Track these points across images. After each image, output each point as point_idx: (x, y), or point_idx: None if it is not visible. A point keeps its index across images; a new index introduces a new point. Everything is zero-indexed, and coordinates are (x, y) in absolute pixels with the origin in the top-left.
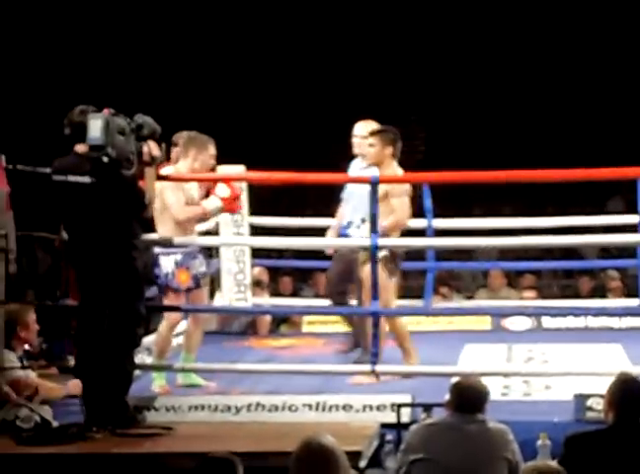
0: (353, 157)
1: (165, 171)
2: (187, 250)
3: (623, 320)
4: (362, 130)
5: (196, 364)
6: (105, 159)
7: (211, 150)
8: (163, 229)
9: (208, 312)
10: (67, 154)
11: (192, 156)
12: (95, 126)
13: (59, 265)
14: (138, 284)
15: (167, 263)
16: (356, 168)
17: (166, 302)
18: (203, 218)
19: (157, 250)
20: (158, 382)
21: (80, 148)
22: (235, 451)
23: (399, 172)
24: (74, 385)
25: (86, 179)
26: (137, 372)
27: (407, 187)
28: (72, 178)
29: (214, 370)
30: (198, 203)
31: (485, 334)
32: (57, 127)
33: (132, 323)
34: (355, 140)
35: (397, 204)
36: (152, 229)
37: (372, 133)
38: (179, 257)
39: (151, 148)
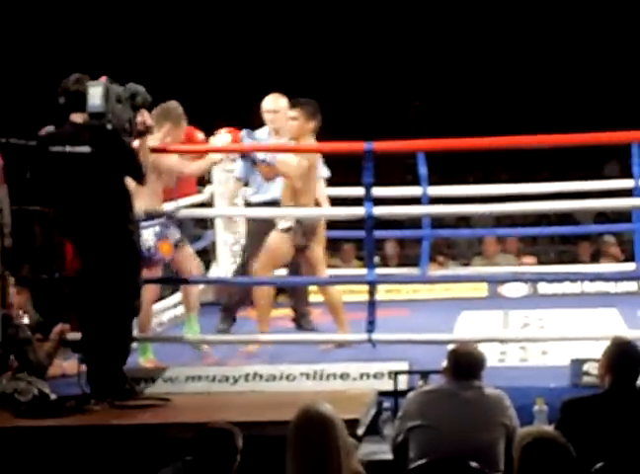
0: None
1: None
2: (161, 221)
3: (619, 285)
4: (273, 105)
5: (196, 335)
6: (109, 126)
7: (184, 125)
8: (140, 202)
9: (205, 283)
10: (62, 124)
11: (165, 130)
12: (95, 94)
13: (55, 239)
14: (136, 257)
15: (147, 236)
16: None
17: (147, 275)
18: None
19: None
20: (145, 356)
21: (77, 117)
22: (233, 421)
23: None
24: (70, 366)
25: (85, 148)
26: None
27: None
28: (70, 148)
29: (211, 342)
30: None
31: (481, 301)
32: (47, 99)
33: (130, 295)
34: (267, 116)
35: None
36: None
37: (294, 106)
38: (157, 229)
39: (145, 117)
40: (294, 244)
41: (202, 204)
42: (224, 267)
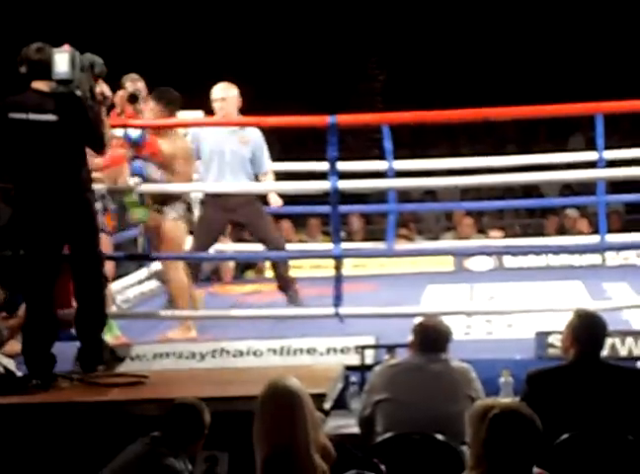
0: None
1: None
2: (99, 193)
3: (584, 257)
4: (222, 93)
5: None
6: (78, 92)
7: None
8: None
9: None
10: (21, 92)
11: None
12: (62, 61)
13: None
14: (96, 228)
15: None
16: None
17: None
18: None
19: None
20: (111, 333)
21: (40, 85)
22: (201, 397)
23: None
24: None
25: (51, 116)
26: None
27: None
28: (34, 116)
29: (178, 318)
30: None
31: (447, 275)
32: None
33: (97, 266)
34: (215, 104)
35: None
36: None
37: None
38: (99, 204)
39: (103, 88)
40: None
41: None
42: (190, 243)
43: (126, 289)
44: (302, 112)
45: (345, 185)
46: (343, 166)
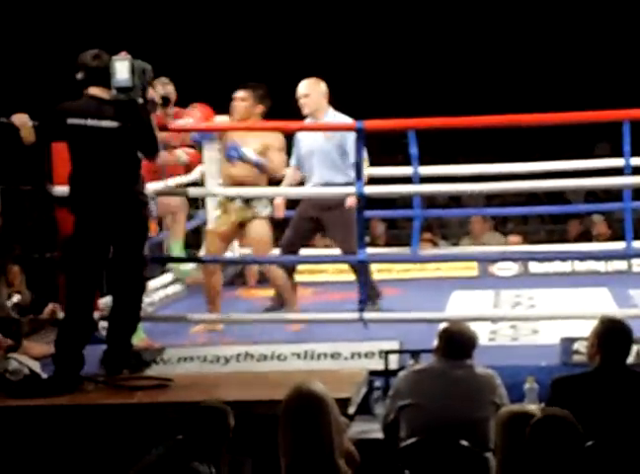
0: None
1: None
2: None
3: (609, 264)
4: (301, 89)
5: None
6: (140, 100)
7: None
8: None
9: (196, 263)
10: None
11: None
12: (122, 69)
13: (47, 217)
14: (145, 232)
15: None
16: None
17: None
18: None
19: None
20: (137, 336)
21: (98, 91)
22: (226, 400)
23: None
24: None
25: (111, 123)
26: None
27: (283, 143)
28: (92, 122)
29: (203, 321)
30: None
31: (472, 280)
32: (36, 77)
33: (139, 270)
34: (300, 101)
35: (275, 158)
36: None
37: (244, 88)
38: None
39: (153, 94)
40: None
41: (194, 184)
42: None
43: (152, 292)
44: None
45: (370, 190)
46: (369, 171)
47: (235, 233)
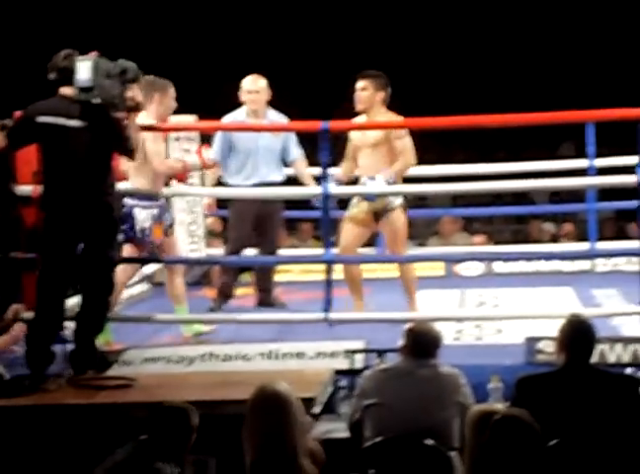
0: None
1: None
2: (160, 203)
3: (574, 264)
4: (253, 85)
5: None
6: (94, 101)
7: (172, 92)
8: (141, 181)
9: (161, 263)
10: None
11: (157, 101)
12: (83, 68)
13: (11, 217)
14: (115, 232)
15: (144, 216)
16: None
17: (131, 254)
18: (178, 175)
19: (130, 202)
20: (103, 338)
21: (67, 91)
22: (190, 400)
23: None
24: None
25: (76, 122)
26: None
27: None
28: (61, 120)
29: (168, 321)
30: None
31: (438, 280)
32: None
33: (108, 270)
34: (247, 96)
35: (402, 146)
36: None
37: (363, 77)
38: (155, 211)
39: (135, 93)
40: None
41: None
42: (181, 246)
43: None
44: (295, 117)
45: (336, 190)
46: (335, 171)
47: (370, 223)
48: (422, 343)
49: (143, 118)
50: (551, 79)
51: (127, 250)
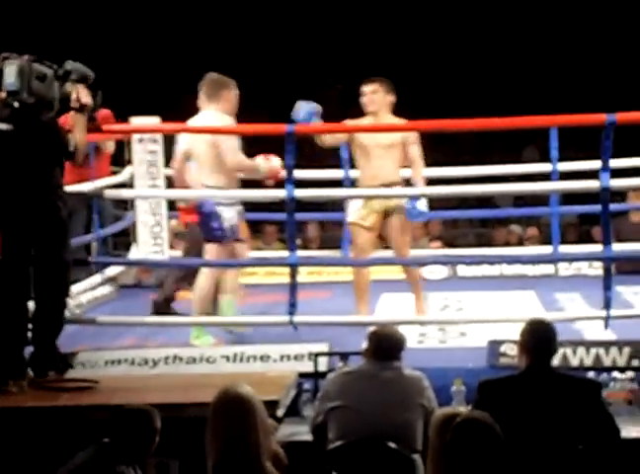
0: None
1: (199, 118)
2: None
3: (537, 267)
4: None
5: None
6: (15, 104)
7: (236, 89)
8: (221, 179)
9: (125, 265)
10: None
11: (224, 98)
12: (10, 72)
13: None
14: (64, 233)
15: (231, 214)
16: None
17: (218, 255)
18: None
19: (211, 201)
20: (204, 339)
21: (2, 94)
22: (153, 403)
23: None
24: None
25: (4, 126)
26: None
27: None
28: None
29: (131, 323)
30: None
31: (402, 283)
32: None
33: (60, 272)
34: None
35: (417, 152)
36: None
37: (371, 81)
38: (239, 207)
39: (80, 95)
40: None
41: (122, 185)
42: (144, 249)
43: (79, 295)
44: (261, 120)
45: (301, 193)
46: (300, 174)
47: (379, 224)
48: (385, 346)
49: (212, 115)
50: (517, 83)
51: (215, 250)
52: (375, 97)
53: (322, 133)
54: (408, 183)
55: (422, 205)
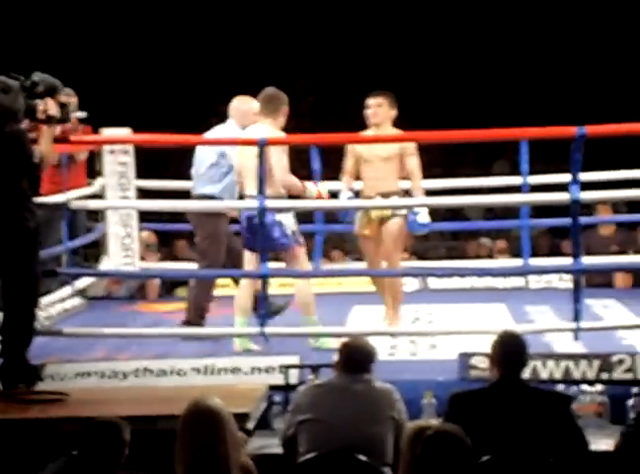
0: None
1: (252, 130)
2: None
3: (508, 280)
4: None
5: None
6: None
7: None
8: (269, 191)
9: (95, 277)
10: None
11: (283, 113)
12: None
13: None
14: (32, 245)
15: (289, 221)
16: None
17: (294, 259)
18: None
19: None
20: (245, 344)
21: None
22: (122, 415)
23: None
24: None
25: None
26: None
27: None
28: None
29: (100, 335)
30: None
31: (373, 295)
32: None
33: (29, 283)
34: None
35: (415, 164)
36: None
37: (377, 95)
38: (293, 215)
39: (48, 106)
40: None
41: (94, 196)
42: (115, 260)
43: (49, 306)
44: None
45: (271, 204)
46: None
47: (378, 231)
48: (356, 358)
49: (267, 129)
50: (489, 96)
51: (289, 257)
52: (380, 110)
53: (293, 144)
54: (407, 194)
55: (423, 218)
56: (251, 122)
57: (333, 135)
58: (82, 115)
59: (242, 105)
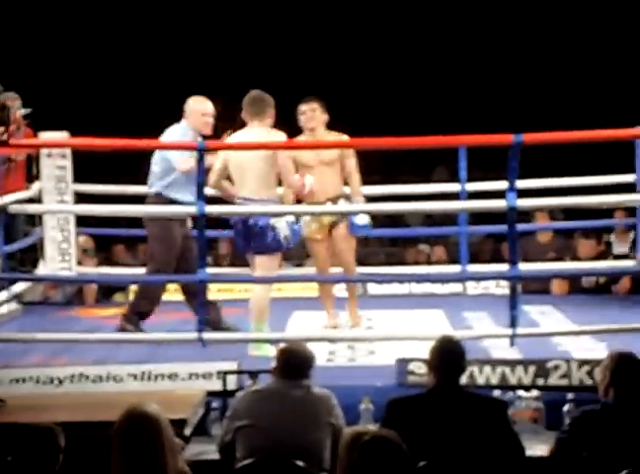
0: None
1: (240, 135)
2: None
3: (446, 286)
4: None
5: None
6: None
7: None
8: (275, 193)
9: (32, 282)
10: None
11: (270, 115)
12: None
13: None
14: None
15: (283, 225)
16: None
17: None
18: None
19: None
20: (264, 348)
21: None
22: (58, 421)
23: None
24: None
25: None
26: None
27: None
28: None
29: (36, 340)
30: None
31: (313, 301)
32: None
33: None
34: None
35: (353, 165)
36: None
37: (311, 100)
38: (290, 218)
39: None
40: None
41: (31, 200)
42: (52, 265)
43: None
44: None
45: (212, 209)
46: (210, 191)
47: (327, 236)
48: (294, 364)
49: (263, 131)
50: (427, 103)
51: (268, 261)
52: (314, 115)
53: (229, 150)
54: (347, 198)
55: (362, 219)
56: (203, 123)
57: (281, 142)
58: (26, 111)
59: (197, 105)
